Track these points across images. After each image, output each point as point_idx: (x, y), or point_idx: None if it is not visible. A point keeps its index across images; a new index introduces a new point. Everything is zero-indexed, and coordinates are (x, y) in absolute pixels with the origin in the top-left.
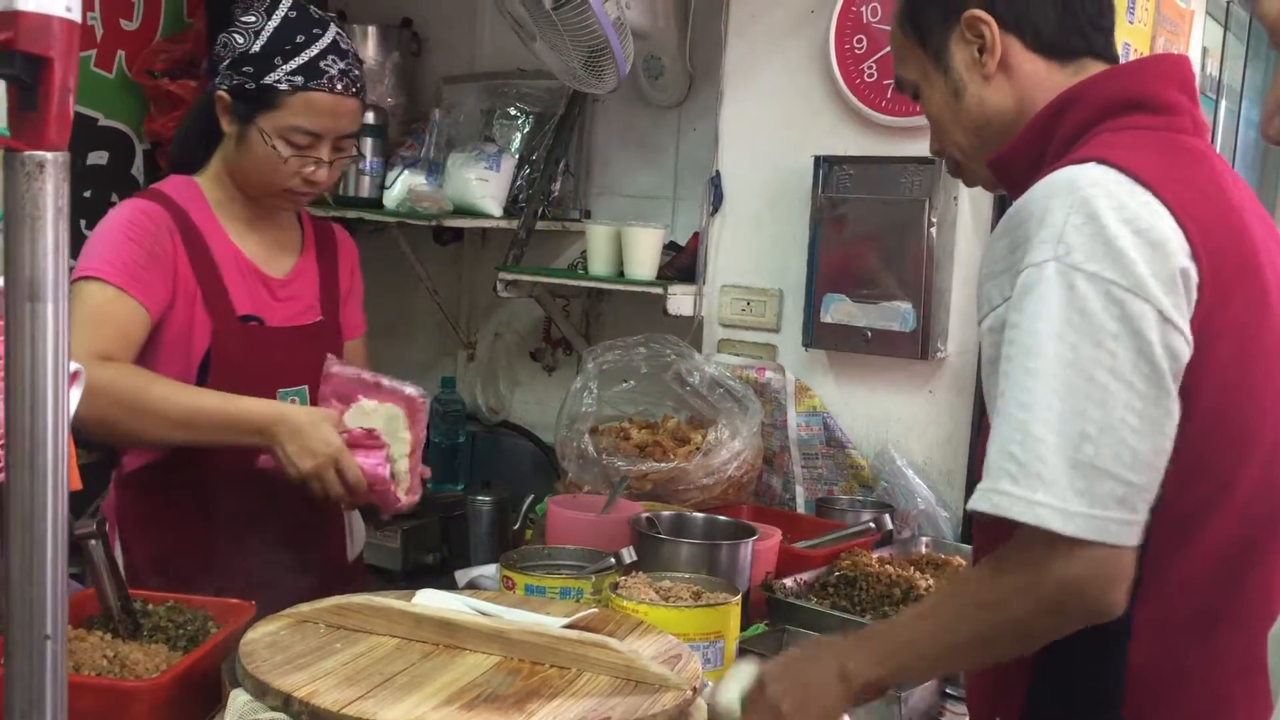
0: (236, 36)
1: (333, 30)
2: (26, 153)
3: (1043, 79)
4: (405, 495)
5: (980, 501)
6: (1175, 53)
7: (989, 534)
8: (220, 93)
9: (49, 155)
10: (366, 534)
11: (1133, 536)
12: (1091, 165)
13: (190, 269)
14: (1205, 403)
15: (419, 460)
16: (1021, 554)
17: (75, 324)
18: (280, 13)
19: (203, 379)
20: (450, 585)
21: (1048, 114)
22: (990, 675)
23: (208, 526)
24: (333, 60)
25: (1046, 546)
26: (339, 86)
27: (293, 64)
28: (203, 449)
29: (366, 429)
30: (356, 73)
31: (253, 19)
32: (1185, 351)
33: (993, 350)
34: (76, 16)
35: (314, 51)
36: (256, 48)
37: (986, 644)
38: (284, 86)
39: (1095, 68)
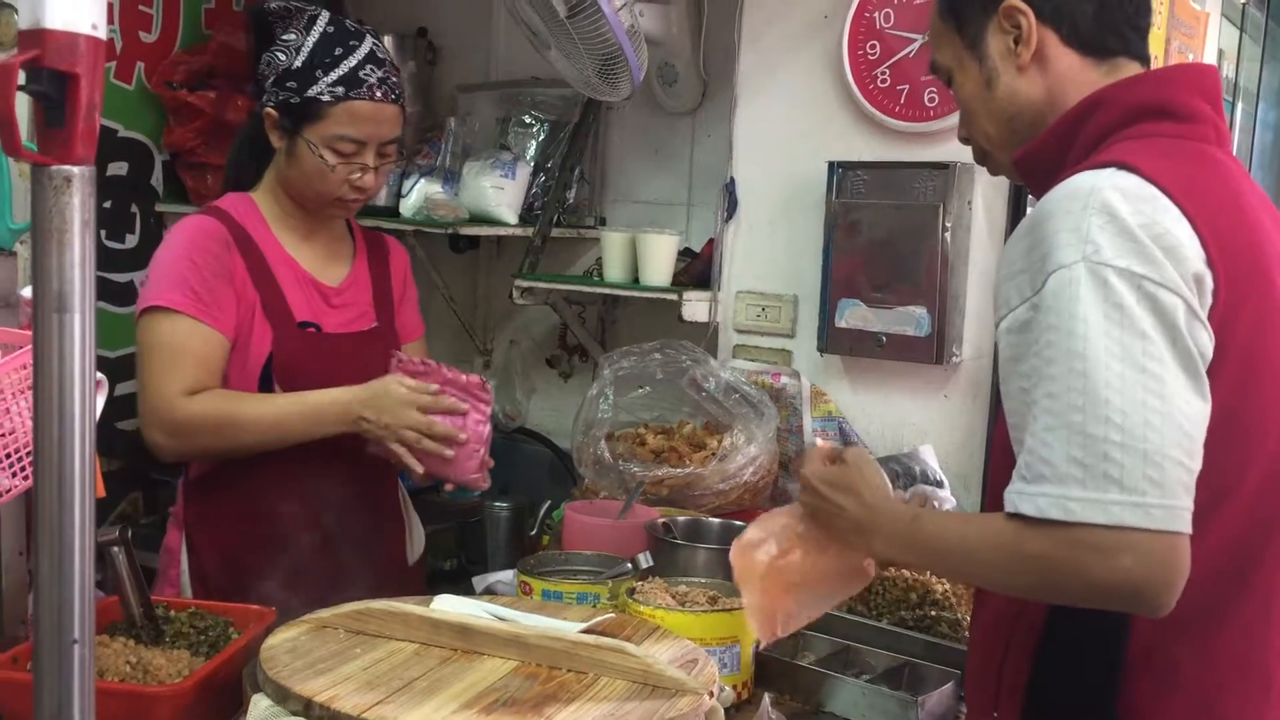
0: (279, 54)
1: (369, 40)
2: (54, 167)
3: (1076, 74)
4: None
5: (1052, 509)
6: (1202, 62)
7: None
8: (268, 109)
9: (76, 170)
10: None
11: (1190, 525)
12: (1111, 170)
13: (249, 279)
14: (1216, 405)
15: (486, 452)
16: (1083, 538)
17: (155, 359)
18: (318, 28)
19: (265, 384)
20: (468, 591)
21: (1073, 116)
22: (990, 667)
23: (270, 529)
24: (371, 69)
25: (1108, 537)
26: (379, 94)
27: (333, 75)
28: (261, 454)
29: (480, 379)
30: (395, 80)
31: (292, 36)
32: (1209, 348)
33: (1012, 351)
34: (103, 34)
35: (353, 62)
36: (298, 63)
37: (1010, 589)
38: (327, 98)
39: (1129, 67)
